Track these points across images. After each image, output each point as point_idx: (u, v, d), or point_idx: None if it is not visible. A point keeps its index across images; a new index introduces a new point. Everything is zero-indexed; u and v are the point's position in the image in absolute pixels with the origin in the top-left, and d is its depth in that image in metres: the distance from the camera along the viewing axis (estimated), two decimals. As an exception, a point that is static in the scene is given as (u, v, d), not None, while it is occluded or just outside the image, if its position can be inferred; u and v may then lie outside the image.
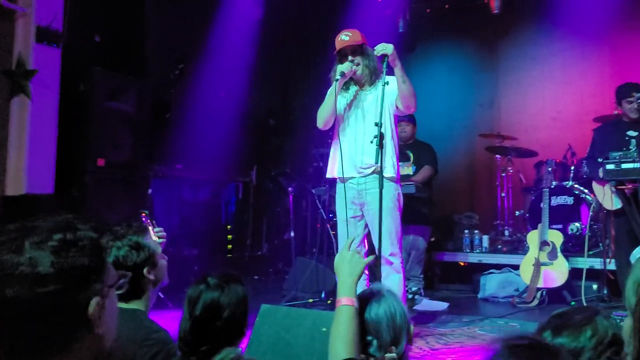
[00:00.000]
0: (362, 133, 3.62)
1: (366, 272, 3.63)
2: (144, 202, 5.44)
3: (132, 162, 5.26)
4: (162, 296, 4.36)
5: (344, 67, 3.58)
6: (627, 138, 4.55)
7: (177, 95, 6.09)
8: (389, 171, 3.57)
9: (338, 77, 3.55)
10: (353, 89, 3.75)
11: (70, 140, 5.04)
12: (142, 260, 1.93)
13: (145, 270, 1.95)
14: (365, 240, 3.72)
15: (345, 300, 1.72)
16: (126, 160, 5.21)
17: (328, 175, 3.84)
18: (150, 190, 5.63)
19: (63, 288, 0.98)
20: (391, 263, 3.60)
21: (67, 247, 1.00)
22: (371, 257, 2.07)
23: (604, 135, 4.83)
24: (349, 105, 3.74)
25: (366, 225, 3.71)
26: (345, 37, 3.66)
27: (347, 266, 1.82)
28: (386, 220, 3.50)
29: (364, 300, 1.76)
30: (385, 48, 3.45)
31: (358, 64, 3.63)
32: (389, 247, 3.58)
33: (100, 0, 5.58)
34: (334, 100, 3.59)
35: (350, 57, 3.64)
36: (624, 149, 4.09)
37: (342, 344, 1.63)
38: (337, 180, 3.78)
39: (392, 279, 3.58)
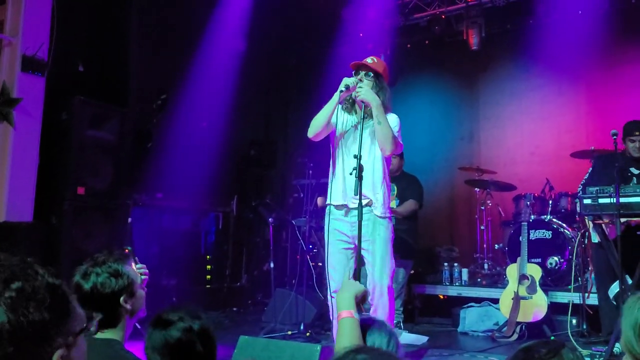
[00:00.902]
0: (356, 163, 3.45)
1: None
2: (123, 230, 5.38)
3: (112, 190, 5.23)
4: (138, 327, 4.27)
5: (349, 81, 3.44)
6: (629, 174, 4.57)
7: (159, 124, 6.08)
8: (384, 212, 3.51)
9: (342, 88, 3.41)
10: (355, 117, 3.59)
11: (51, 168, 5.01)
12: (120, 288, 1.91)
13: (122, 299, 1.92)
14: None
15: (345, 313, 1.86)
16: (106, 189, 5.18)
17: (327, 202, 3.64)
18: (130, 219, 5.57)
19: (20, 347, 0.90)
20: (381, 295, 3.51)
21: (24, 301, 0.92)
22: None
23: (603, 168, 4.74)
24: (349, 131, 3.57)
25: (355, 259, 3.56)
26: (369, 60, 3.58)
27: (347, 287, 1.98)
28: (380, 251, 3.48)
29: (366, 325, 1.79)
30: (359, 93, 3.41)
31: (361, 88, 3.47)
32: (384, 278, 3.50)
33: (85, 31, 5.61)
34: (330, 111, 3.46)
35: (360, 75, 3.54)
36: (622, 184, 4.07)
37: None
38: (332, 207, 3.59)
39: (380, 313, 3.46)
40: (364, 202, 3.42)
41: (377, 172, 3.55)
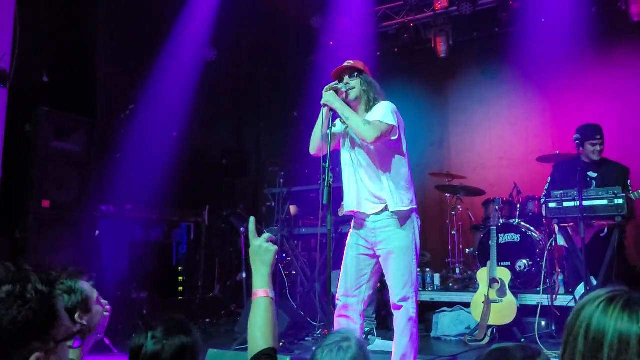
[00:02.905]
0: (359, 166, 3.39)
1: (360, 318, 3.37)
2: (91, 243, 5.30)
3: (78, 202, 5.14)
4: (107, 342, 4.20)
5: (338, 86, 3.37)
6: (588, 179, 4.65)
7: (127, 135, 6.01)
8: (395, 205, 3.27)
9: (323, 102, 3.31)
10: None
11: (15, 181, 4.89)
12: (73, 305, 1.87)
13: (76, 316, 1.88)
14: (363, 285, 3.40)
15: (262, 292, 1.80)
16: (72, 201, 5.08)
17: (346, 209, 3.45)
18: (98, 232, 5.48)
19: None
20: (399, 308, 3.26)
21: (12, 301, 0.95)
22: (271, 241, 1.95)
23: (564, 174, 4.85)
24: (344, 136, 3.46)
25: (378, 266, 3.39)
26: (346, 63, 3.50)
27: (258, 255, 1.86)
28: (397, 262, 3.26)
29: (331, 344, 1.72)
30: (324, 96, 3.34)
31: (353, 88, 3.41)
32: (400, 291, 3.26)
33: (49, 40, 5.52)
34: (321, 125, 3.37)
35: (345, 80, 3.45)
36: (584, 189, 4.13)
37: (260, 335, 1.71)
38: (353, 215, 3.45)
39: (399, 327, 3.26)
40: (382, 206, 3.29)
41: (377, 169, 3.35)
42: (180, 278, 6.81)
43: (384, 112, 3.34)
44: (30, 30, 5.13)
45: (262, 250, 1.87)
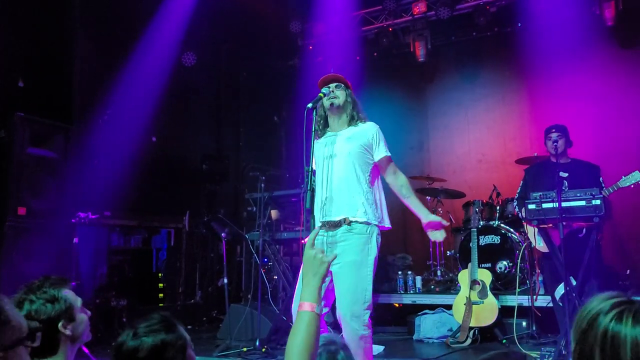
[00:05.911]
0: (330, 181, 3.32)
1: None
2: (69, 251, 5.21)
3: (55, 210, 5.04)
4: (86, 351, 4.12)
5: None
6: (558, 178, 4.71)
7: (105, 140, 5.93)
8: (359, 215, 3.21)
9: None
10: (329, 134, 3.46)
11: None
12: (57, 314, 1.83)
13: (60, 325, 1.84)
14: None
15: (307, 305, 1.68)
16: (49, 208, 4.99)
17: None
18: (76, 239, 5.39)
19: None
20: (346, 324, 3.09)
21: None
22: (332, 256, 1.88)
23: (536, 176, 4.93)
24: (324, 151, 3.40)
25: (331, 281, 3.22)
26: (333, 74, 3.51)
27: (311, 267, 1.77)
28: (350, 276, 3.12)
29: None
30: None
31: (337, 97, 3.39)
32: (349, 307, 3.08)
33: (25, 46, 5.43)
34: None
35: (331, 87, 3.43)
36: (554, 189, 4.18)
37: (296, 354, 1.59)
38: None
39: (348, 344, 3.10)
40: (340, 220, 3.22)
41: (350, 183, 3.30)
42: (161, 285, 6.76)
43: (384, 142, 3.50)
44: (4, 35, 5.05)
45: (316, 262, 1.78)
